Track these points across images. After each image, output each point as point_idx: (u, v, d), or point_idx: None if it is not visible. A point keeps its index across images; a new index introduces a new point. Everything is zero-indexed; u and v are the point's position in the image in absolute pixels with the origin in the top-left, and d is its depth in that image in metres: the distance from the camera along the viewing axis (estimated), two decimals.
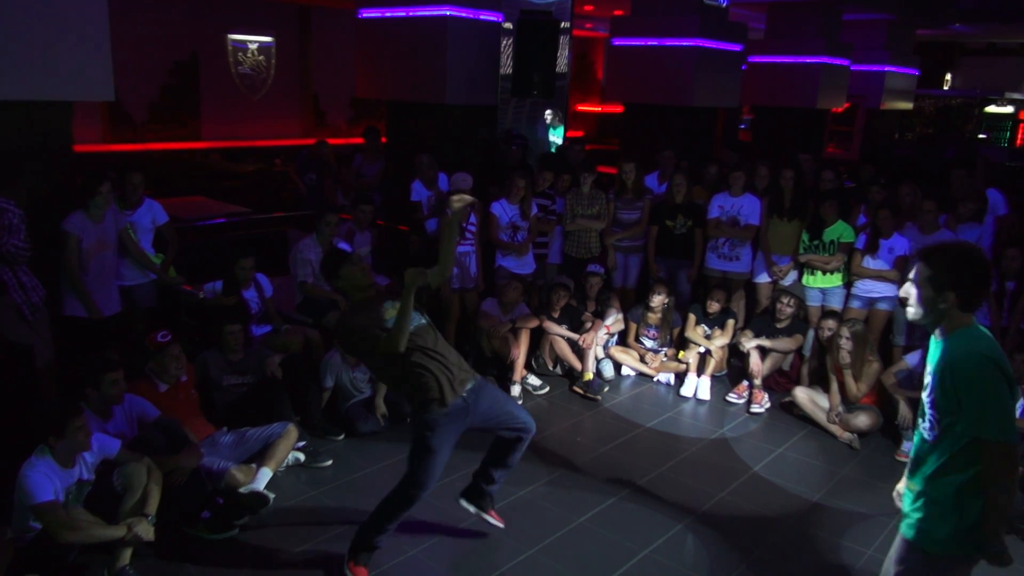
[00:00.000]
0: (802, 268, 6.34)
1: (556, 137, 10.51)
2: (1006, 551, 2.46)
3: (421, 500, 3.56)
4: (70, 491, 3.48)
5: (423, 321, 3.56)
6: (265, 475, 4.20)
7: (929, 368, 2.55)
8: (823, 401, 5.55)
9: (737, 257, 6.59)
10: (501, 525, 3.97)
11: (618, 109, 12.11)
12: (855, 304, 6.13)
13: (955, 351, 2.44)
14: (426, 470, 3.48)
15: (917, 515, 2.55)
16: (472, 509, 3.94)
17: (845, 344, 5.37)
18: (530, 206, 6.43)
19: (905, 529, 2.60)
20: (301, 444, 4.67)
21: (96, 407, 3.89)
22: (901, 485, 2.73)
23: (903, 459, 5.10)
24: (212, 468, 4.09)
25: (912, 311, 2.55)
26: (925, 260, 2.50)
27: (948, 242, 2.56)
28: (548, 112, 9.65)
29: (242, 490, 4.10)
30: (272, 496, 4.15)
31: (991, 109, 23.31)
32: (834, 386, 5.49)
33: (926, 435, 2.55)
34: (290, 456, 4.57)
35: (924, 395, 2.55)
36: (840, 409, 5.42)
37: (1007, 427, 2.36)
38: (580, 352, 6.08)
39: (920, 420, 2.59)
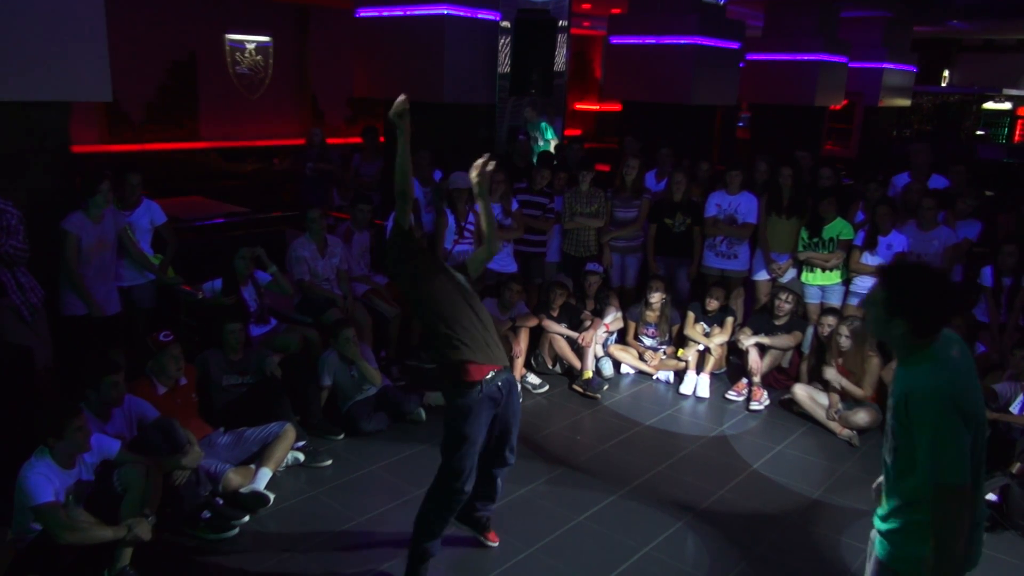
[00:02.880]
0: (801, 266, 6.35)
1: (542, 134, 10.47)
2: None
3: (465, 495, 3.44)
4: (70, 492, 3.48)
5: (467, 288, 3.50)
6: (265, 475, 4.21)
7: (892, 389, 2.42)
8: (822, 398, 5.55)
9: (735, 255, 6.60)
10: (494, 544, 3.92)
11: (616, 107, 12.11)
12: (854, 301, 6.14)
13: (913, 381, 2.28)
14: (461, 458, 3.36)
15: (888, 540, 2.41)
16: (464, 527, 3.94)
17: (844, 342, 5.38)
18: (511, 202, 6.42)
19: (878, 548, 2.46)
20: (301, 444, 4.68)
21: (95, 409, 3.89)
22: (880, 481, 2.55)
23: None
24: (210, 470, 4.10)
25: (871, 328, 2.42)
26: (883, 279, 2.38)
27: (910, 263, 2.44)
28: (528, 110, 9.61)
29: (242, 490, 4.11)
30: (272, 496, 4.16)
31: (989, 106, 23.34)
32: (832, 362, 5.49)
33: (887, 457, 2.41)
34: (289, 456, 4.57)
35: (888, 416, 2.41)
36: (839, 406, 5.42)
37: (960, 469, 2.20)
38: (579, 350, 6.08)
39: (884, 439, 2.45)
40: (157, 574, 3.62)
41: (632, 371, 6.43)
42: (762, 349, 6.00)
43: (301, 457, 4.67)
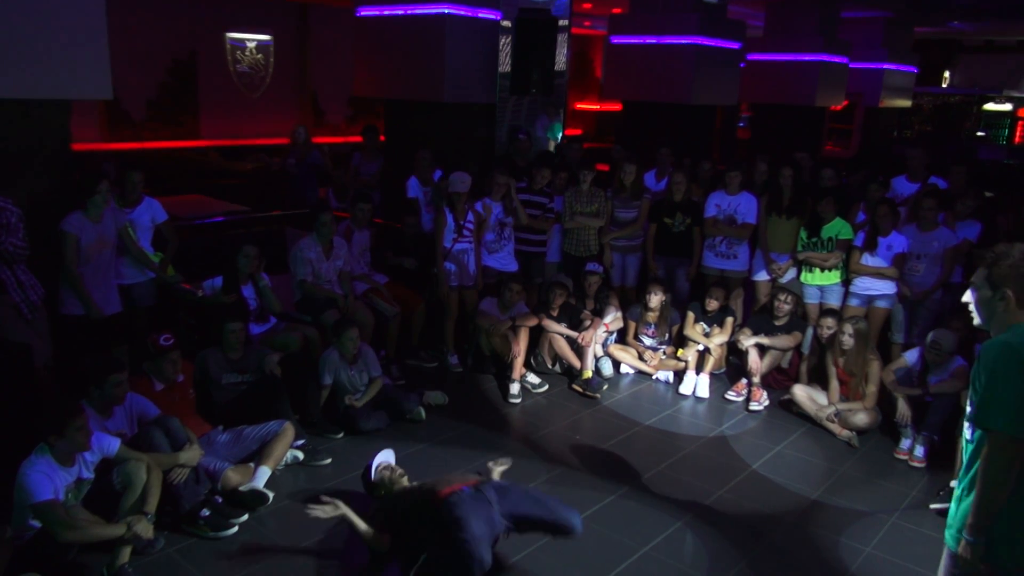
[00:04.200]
0: (800, 266, 6.35)
1: (554, 135, 10.54)
2: (981, 547, 2.38)
3: (483, 550, 3.32)
4: (69, 490, 3.49)
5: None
6: (264, 473, 4.21)
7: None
8: (822, 399, 5.55)
9: (734, 255, 6.60)
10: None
11: (617, 107, 12.12)
12: (853, 302, 6.14)
13: (993, 340, 2.37)
14: (464, 546, 3.30)
15: (960, 523, 2.46)
16: None
17: (847, 340, 5.37)
18: (512, 203, 6.43)
19: (949, 539, 2.51)
20: (300, 443, 4.68)
21: (98, 406, 3.89)
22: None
23: (902, 456, 5.11)
24: (209, 468, 4.10)
25: (975, 318, 2.50)
26: (982, 261, 2.47)
27: (1007, 243, 2.52)
28: (551, 109, 9.75)
29: (242, 488, 4.11)
30: (271, 495, 4.16)
31: (989, 107, 23.32)
32: (833, 383, 5.49)
33: (967, 435, 2.49)
34: (289, 455, 4.58)
35: (969, 393, 2.48)
36: (835, 408, 5.41)
37: (1007, 418, 2.27)
38: (579, 350, 6.08)
39: (965, 422, 2.51)
40: (156, 572, 3.62)
41: (631, 371, 6.43)
42: (762, 349, 6.00)
43: (300, 456, 4.67)
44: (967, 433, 2.49)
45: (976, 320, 2.52)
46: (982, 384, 2.32)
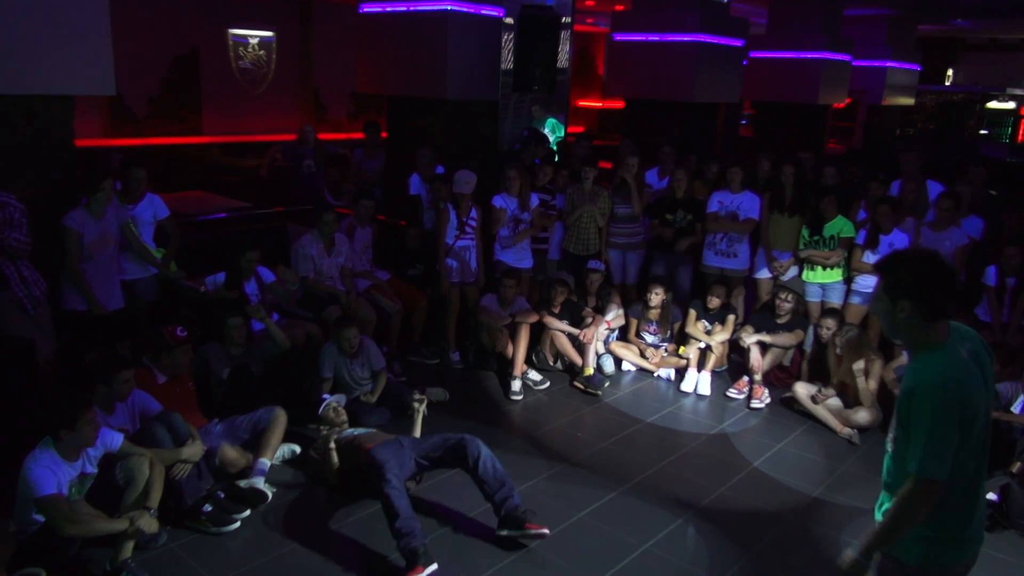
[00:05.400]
0: (802, 264, 6.34)
1: (551, 131, 10.51)
2: (867, 569, 2.36)
3: (393, 478, 3.80)
4: (73, 484, 3.50)
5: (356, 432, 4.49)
6: (264, 466, 4.23)
7: (903, 383, 2.43)
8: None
9: (735, 254, 6.59)
10: (546, 532, 3.85)
11: (619, 104, 12.11)
12: (855, 300, 6.14)
13: (919, 377, 2.29)
14: (380, 460, 3.94)
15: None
16: (509, 533, 3.86)
17: (840, 352, 5.39)
18: (529, 198, 6.42)
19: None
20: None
21: (102, 402, 3.90)
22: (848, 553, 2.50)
23: None
24: (207, 453, 4.12)
25: (883, 326, 2.44)
26: (879, 270, 2.39)
27: (903, 250, 2.46)
28: (535, 107, 9.73)
29: (243, 485, 4.12)
30: (272, 492, 4.18)
31: (992, 105, 23.30)
32: (834, 381, 5.50)
33: (889, 447, 2.44)
34: (287, 449, 4.61)
35: (896, 405, 2.43)
36: (831, 394, 5.42)
37: (944, 467, 2.20)
38: (580, 347, 6.08)
39: (890, 430, 2.46)
40: (158, 567, 3.63)
41: (633, 368, 6.43)
42: (763, 347, 6.00)
43: (298, 449, 4.69)
44: (890, 446, 2.42)
45: (885, 331, 2.48)
46: (923, 430, 2.21)
